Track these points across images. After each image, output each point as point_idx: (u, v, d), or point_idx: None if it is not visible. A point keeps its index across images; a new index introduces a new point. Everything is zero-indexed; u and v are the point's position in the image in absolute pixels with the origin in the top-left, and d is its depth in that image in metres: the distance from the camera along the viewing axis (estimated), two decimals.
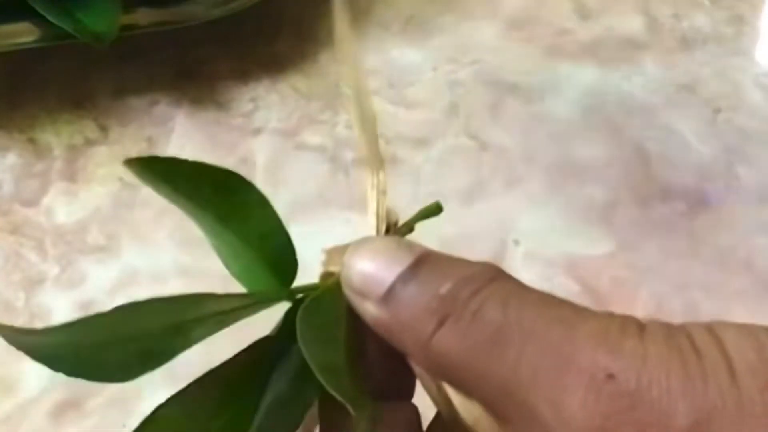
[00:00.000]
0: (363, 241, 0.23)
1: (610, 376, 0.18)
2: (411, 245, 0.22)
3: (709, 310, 0.43)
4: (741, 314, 0.43)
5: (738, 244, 0.45)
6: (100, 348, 0.21)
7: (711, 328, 0.19)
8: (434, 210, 0.25)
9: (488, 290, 0.21)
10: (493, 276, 0.21)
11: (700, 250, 0.45)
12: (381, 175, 0.26)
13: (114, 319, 0.21)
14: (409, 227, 0.26)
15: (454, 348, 0.20)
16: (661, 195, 0.47)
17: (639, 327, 0.19)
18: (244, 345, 0.24)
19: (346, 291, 0.23)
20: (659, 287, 0.43)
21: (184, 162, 0.23)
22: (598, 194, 0.47)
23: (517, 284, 0.21)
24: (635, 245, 0.45)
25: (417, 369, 0.22)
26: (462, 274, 0.21)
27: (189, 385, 0.22)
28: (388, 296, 0.21)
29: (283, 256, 0.25)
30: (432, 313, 0.21)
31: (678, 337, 0.19)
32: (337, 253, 0.24)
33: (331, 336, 0.22)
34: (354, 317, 0.23)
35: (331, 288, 0.24)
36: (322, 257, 0.25)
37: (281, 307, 0.24)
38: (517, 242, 0.44)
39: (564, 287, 0.43)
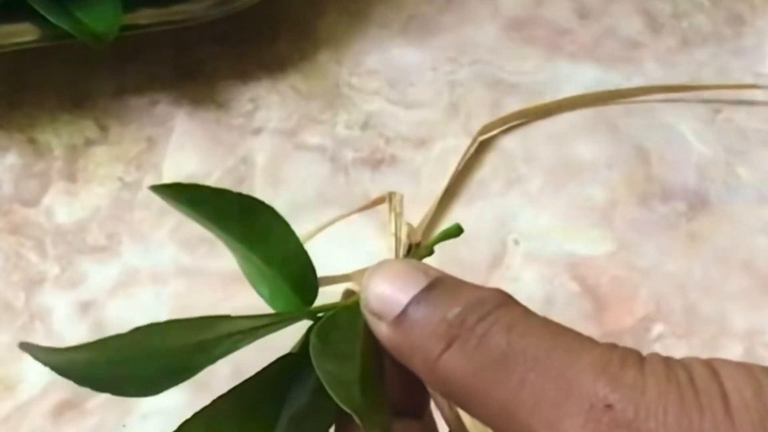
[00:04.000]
0: (382, 264, 0.24)
1: (609, 406, 0.19)
2: (427, 269, 0.23)
3: (708, 310, 0.43)
4: (741, 314, 0.43)
5: (738, 244, 0.45)
6: (126, 365, 0.22)
7: (710, 364, 0.20)
8: (454, 232, 0.26)
9: (495, 316, 0.21)
10: (500, 302, 0.22)
11: (700, 250, 0.45)
12: (398, 197, 0.27)
13: (137, 338, 0.22)
14: (428, 250, 0.27)
15: (459, 370, 0.21)
16: (661, 195, 0.47)
17: (639, 359, 0.20)
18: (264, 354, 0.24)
19: (364, 312, 0.24)
20: (659, 287, 0.43)
21: (208, 189, 0.24)
22: (598, 194, 0.47)
23: (523, 311, 0.22)
24: (635, 245, 0.45)
25: (430, 388, 0.23)
26: (470, 299, 0.22)
27: (212, 402, 0.23)
28: (400, 318, 0.22)
29: (304, 277, 0.26)
30: (440, 336, 0.22)
31: (677, 370, 0.20)
32: (360, 274, 0.25)
33: (344, 352, 0.23)
34: (372, 336, 0.24)
35: (349, 307, 0.25)
36: (348, 283, 0.26)
37: (305, 325, 0.26)
38: (517, 242, 0.44)
39: (564, 287, 0.43)
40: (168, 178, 0.47)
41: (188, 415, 0.22)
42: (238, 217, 0.24)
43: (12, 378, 0.41)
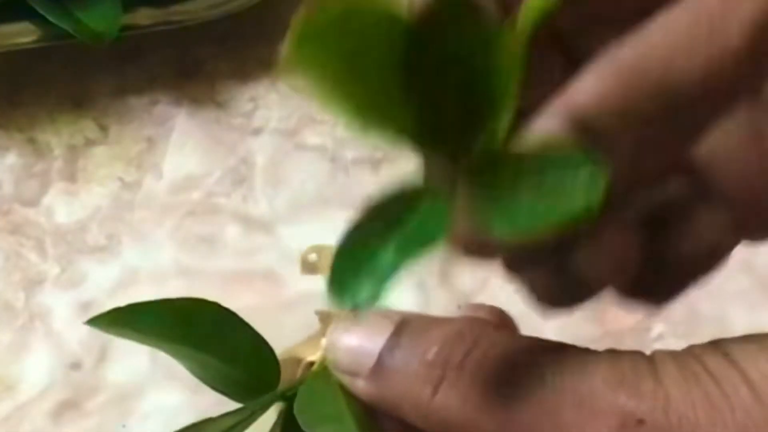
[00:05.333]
0: (338, 323, 0.23)
1: (641, 421, 0.19)
2: (387, 313, 0.22)
3: (709, 310, 0.43)
4: (741, 314, 0.42)
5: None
6: None
7: (718, 348, 0.20)
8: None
9: (481, 348, 0.20)
10: (480, 332, 0.21)
11: None
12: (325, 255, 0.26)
13: None
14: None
15: (456, 411, 0.20)
16: None
17: (650, 364, 0.20)
18: None
19: (337, 374, 0.23)
20: None
21: (146, 306, 0.23)
22: None
23: (507, 338, 0.21)
24: None
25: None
26: (446, 335, 0.21)
27: None
28: (376, 369, 0.21)
29: (264, 361, 0.25)
30: (424, 380, 0.20)
31: (690, 365, 0.19)
32: (311, 345, 0.24)
33: (332, 414, 0.22)
34: (352, 394, 0.23)
35: (318, 374, 0.24)
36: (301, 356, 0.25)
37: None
38: None
39: None
40: (168, 178, 0.47)
41: (188, 415, 0.22)
42: (185, 324, 0.23)
43: (12, 378, 0.41)
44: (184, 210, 0.46)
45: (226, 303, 0.41)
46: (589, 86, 0.19)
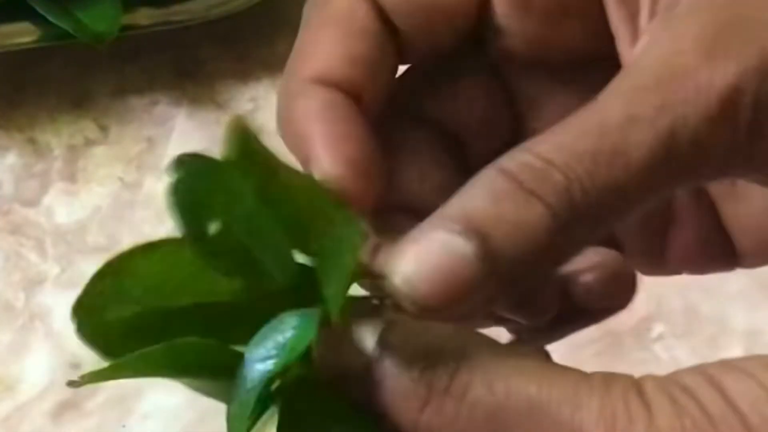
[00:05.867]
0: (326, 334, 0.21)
1: None
2: (370, 321, 0.21)
3: (708, 310, 0.43)
4: (741, 314, 0.42)
5: None
6: None
7: (716, 384, 0.19)
8: None
9: (466, 372, 0.19)
10: (464, 348, 0.20)
11: None
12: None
13: None
14: None
15: None
16: None
17: (643, 404, 0.19)
18: None
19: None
20: (659, 287, 0.43)
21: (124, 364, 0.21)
22: None
23: (493, 356, 0.20)
24: None
25: None
26: (430, 350, 0.20)
27: None
28: (370, 378, 0.20)
29: None
30: (409, 399, 0.20)
31: (685, 404, 0.18)
32: None
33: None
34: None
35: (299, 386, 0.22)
36: None
37: None
38: None
39: None
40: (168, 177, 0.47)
41: (188, 415, 0.22)
42: (176, 366, 0.21)
43: (12, 378, 0.41)
44: None
45: None
46: (481, 198, 0.20)
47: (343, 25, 0.23)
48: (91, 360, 0.44)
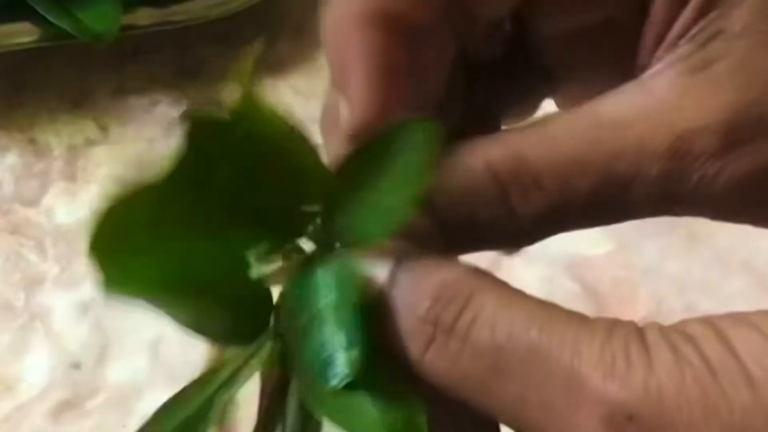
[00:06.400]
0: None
1: (630, 417, 0.18)
2: (384, 249, 0.21)
3: (708, 310, 0.43)
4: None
5: (738, 244, 0.45)
6: None
7: (718, 331, 0.19)
8: None
9: (472, 311, 0.20)
10: (473, 289, 0.20)
11: (700, 250, 0.45)
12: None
13: None
14: None
15: (447, 374, 0.20)
16: None
17: (643, 349, 0.19)
18: None
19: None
20: (659, 287, 0.43)
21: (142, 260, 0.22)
22: None
23: (498, 295, 0.20)
24: (635, 245, 0.45)
25: None
26: (438, 286, 0.20)
27: None
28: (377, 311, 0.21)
29: (261, 304, 0.24)
30: (415, 335, 0.20)
31: (685, 351, 0.18)
32: None
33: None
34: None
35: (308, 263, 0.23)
36: None
37: None
38: None
39: (564, 287, 0.43)
40: None
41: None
42: (185, 272, 0.22)
43: (12, 378, 0.41)
44: None
45: None
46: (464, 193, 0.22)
47: None
48: (91, 360, 0.44)
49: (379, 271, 0.21)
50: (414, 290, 0.20)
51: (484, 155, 0.22)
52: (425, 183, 0.20)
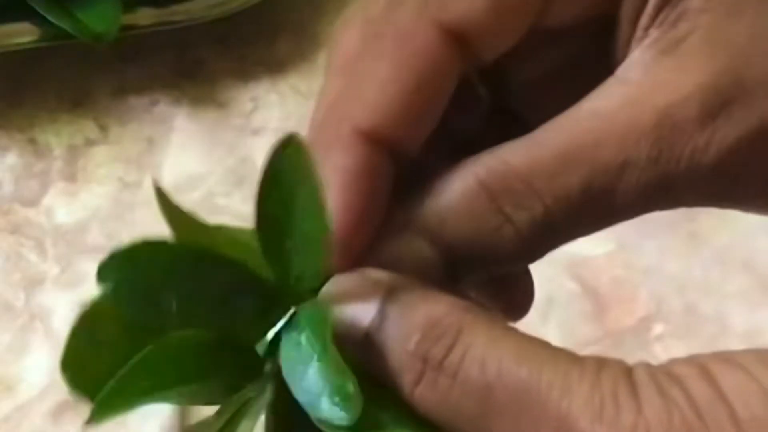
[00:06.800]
0: (333, 282, 0.22)
1: None
2: (377, 279, 0.21)
3: (708, 310, 0.43)
4: (741, 314, 0.43)
5: (738, 244, 0.45)
6: None
7: (705, 372, 0.19)
8: None
9: (461, 347, 0.20)
10: (461, 325, 0.20)
11: (700, 250, 0.45)
12: None
13: None
14: None
15: (437, 409, 0.20)
16: None
17: (632, 393, 0.19)
18: None
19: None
20: (659, 287, 0.43)
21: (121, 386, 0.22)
22: None
23: (488, 332, 0.20)
24: (635, 245, 0.45)
25: None
26: (428, 322, 0.20)
27: None
28: (365, 344, 0.21)
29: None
30: (405, 371, 0.20)
31: (674, 396, 0.18)
32: None
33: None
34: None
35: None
36: None
37: None
38: None
39: (564, 287, 0.43)
40: (168, 178, 0.47)
41: (189, 416, 0.22)
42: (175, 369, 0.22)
43: (12, 378, 0.41)
44: None
45: None
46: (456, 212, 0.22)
47: (400, 53, 0.22)
48: None
49: (365, 309, 0.21)
50: (403, 324, 0.20)
51: (474, 173, 0.22)
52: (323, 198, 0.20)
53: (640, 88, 0.21)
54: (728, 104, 0.21)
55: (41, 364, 0.41)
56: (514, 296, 0.27)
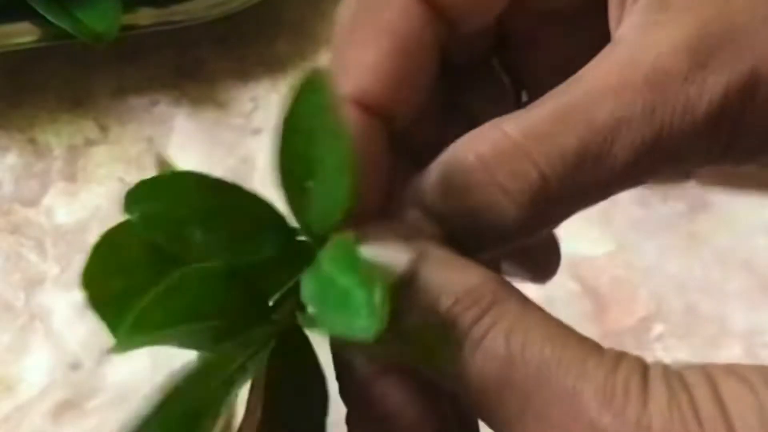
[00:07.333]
0: (368, 233, 0.22)
1: None
2: (407, 244, 0.21)
3: (708, 310, 0.43)
4: (741, 314, 0.43)
5: (738, 244, 0.45)
6: None
7: (711, 382, 0.19)
8: None
9: (491, 317, 0.20)
10: (495, 298, 0.20)
11: (700, 250, 0.45)
12: None
13: None
14: None
15: (452, 376, 0.20)
16: (661, 195, 0.47)
17: (642, 386, 0.19)
18: None
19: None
20: (659, 287, 0.43)
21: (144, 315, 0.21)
22: None
23: (519, 308, 0.20)
24: (635, 245, 0.45)
25: None
26: (462, 288, 0.20)
27: None
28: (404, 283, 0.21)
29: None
30: (430, 332, 0.20)
31: (680, 397, 0.19)
32: None
33: None
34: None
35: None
36: None
37: None
38: None
39: (564, 287, 0.43)
40: None
41: None
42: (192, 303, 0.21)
43: (12, 378, 0.41)
44: None
45: None
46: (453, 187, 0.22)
47: (379, 22, 0.23)
48: (91, 360, 0.44)
49: (397, 258, 0.21)
50: (437, 287, 0.20)
51: (472, 147, 0.22)
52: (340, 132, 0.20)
53: (631, 46, 0.22)
54: (717, 52, 0.21)
55: (41, 364, 0.41)
56: (539, 259, 0.28)
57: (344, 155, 0.20)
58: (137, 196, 0.21)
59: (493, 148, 0.21)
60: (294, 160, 0.21)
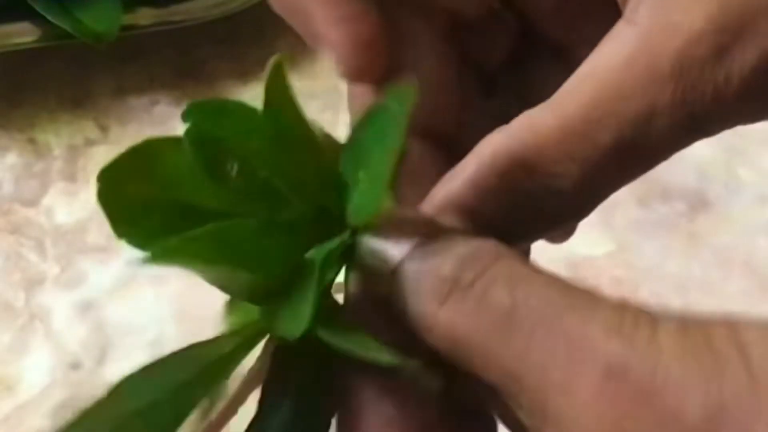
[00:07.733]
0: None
1: (626, 369, 0.18)
2: (416, 220, 0.22)
3: (708, 310, 0.43)
4: (741, 314, 0.43)
5: (738, 244, 0.45)
6: None
7: (728, 322, 0.19)
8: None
9: (493, 271, 0.20)
10: (497, 255, 0.20)
11: (700, 250, 0.45)
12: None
13: (113, 403, 0.19)
14: None
15: (458, 329, 0.20)
16: (661, 195, 0.47)
17: (652, 321, 0.19)
18: None
19: (359, 265, 0.22)
20: (659, 287, 0.43)
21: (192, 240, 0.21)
22: None
23: (524, 264, 0.20)
24: (635, 245, 0.45)
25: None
26: (463, 251, 0.21)
27: None
28: (395, 274, 0.21)
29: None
30: (433, 294, 0.20)
31: (692, 332, 0.18)
32: None
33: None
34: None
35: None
36: None
37: None
38: None
39: None
40: None
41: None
42: (228, 246, 0.21)
43: (12, 378, 0.41)
44: None
45: None
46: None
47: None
48: (91, 360, 0.44)
49: (402, 242, 0.21)
50: (440, 255, 0.21)
51: (507, 147, 0.22)
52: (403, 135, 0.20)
53: (652, 31, 0.22)
54: (740, 33, 0.21)
55: (41, 364, 0.41)
56: None
57: (391, 162, 0.20)
58: (197, 111, 0.21)
59: (530, 150, 0.22)
60: (358, 149, 0.22)
